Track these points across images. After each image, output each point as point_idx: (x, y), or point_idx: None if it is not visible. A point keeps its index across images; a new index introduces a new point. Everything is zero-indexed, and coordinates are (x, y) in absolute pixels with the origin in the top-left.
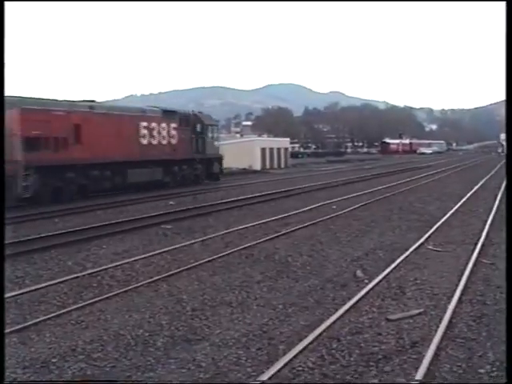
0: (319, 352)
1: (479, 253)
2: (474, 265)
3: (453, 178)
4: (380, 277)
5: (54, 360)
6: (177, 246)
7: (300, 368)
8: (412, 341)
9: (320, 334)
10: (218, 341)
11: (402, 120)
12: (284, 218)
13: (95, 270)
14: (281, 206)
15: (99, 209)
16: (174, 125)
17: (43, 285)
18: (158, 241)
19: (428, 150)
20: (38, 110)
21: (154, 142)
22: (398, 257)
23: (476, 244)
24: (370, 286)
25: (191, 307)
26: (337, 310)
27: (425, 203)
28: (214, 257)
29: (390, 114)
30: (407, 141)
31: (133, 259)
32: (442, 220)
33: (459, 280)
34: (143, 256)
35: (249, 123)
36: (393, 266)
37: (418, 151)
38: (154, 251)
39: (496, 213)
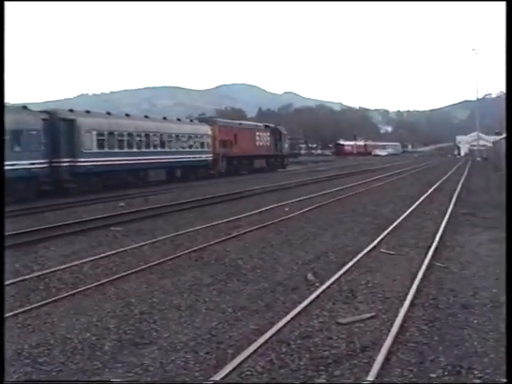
0: (268, 356)
1: (432, 256)
2: (427, 268)
3: (407, 181)
4: (331, 280)
5: None
6: (126, 248)
7: (249, 372)
8: (363, 345)
9: (269, 338)
10: (166, 345)
11: (357, 121)
12: (235, 221)
13: (43, 272)
14: (232, 208)
15: (48, 210)
16: (268, 134)
17: None
18: (107, 243)
19: (383, 152)
20: (223, 126)
21: (261, 144)
22: (350, 260)
23: (429, 247)
24: (321, 289)
25: (139, 310)
26: (287, 313)
27: (378, 206)
28: (164, 259)
29: (345, 116)
30: (362, 142)
31: (81, 261)
32: (396, 223)
33: (412, 283)
34: (92, 258)
35: None
36: (345, 269)
37: (372, 153)
38: (103, 253)
39: (450, 215)
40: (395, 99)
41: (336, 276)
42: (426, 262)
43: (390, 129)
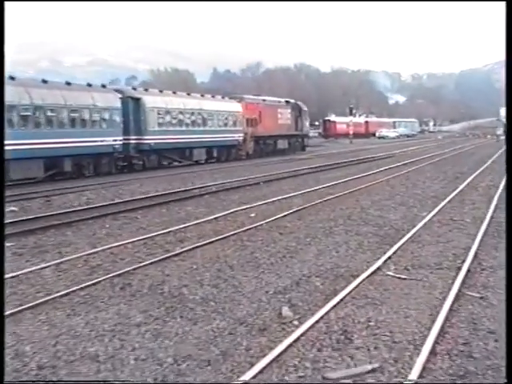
0: None
1: (463, 282)
2: (456, 299)
3: (427, 174)
4: (316, 317)
5: None
6: (18, 272)
7: None
8: None
9: None
10: None
11: (355, 88)
12: (179, 231)
13: None
14: (175, 213)
15: None
16: (289, 110)
17: None
18: None
19: (392, 133)
20: (250, 103)
21: (281, 122)
22: (344, 287)
23: (459, 269)
24: (302, 329)
25: (37, 364)
26: (252, 364)
27: (384, 210)
28: (74, 288)
29: (338, 80)
30: (361, 119)
31: None
32: (410, 234)
33: (433, 321)
34: None
35: None
36: (335, 300)
37: (377, 134)
38: None
39: (489, 224)
40: (410, 56)
41: (323, 311)
42: (454, 290)
43: (402, 99)
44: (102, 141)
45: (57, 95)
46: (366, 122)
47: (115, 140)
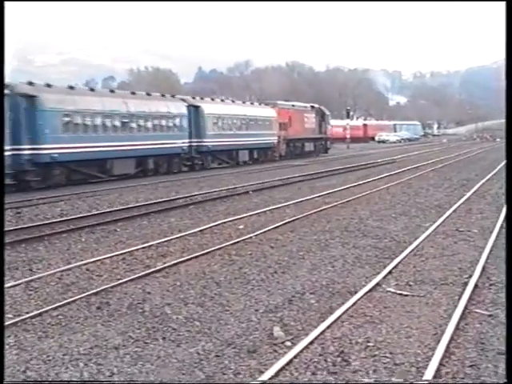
0: None
1: (470, 298)
2: (462, 317)
3: (430, 181)
4: (310, 337)
5: None
6: None
7: None
8: None
9: None
10: None
11: (352, 88)
12: (161, 245)
13: None
14: (157, 225)
15: None
16: (313, 115)
17: None
18: None
19: (392, 137)
20: (282, 109)
21: (307, 126)
22: (340, 305)
23: (465, 284)
24: (295, 351)
25: None
26: None
27: (384, 220)
28: (46, 308)
29: (334, 79)
30: (359, 122)
31: None
32: (412, 246)
33: (437, 342)
34: None
35: None
36: (331, 319)
37: (376, 138)
38: None
39: (498, 235)
40: (411, 54)
41: (317, 330)
42: (460, 307)
43: (403, 99)
44: (174, 143)
45: (143, 104)
46: (365, 125)
47: (183, 142)
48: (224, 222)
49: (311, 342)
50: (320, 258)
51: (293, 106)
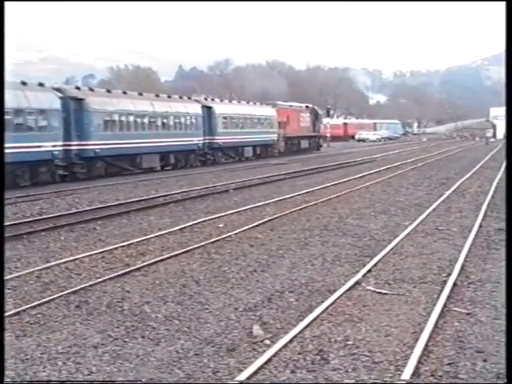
0: None
1: (449, 296)
2: (441, 316)
3: (410, 179)
4: (289, 335)
5: None
6: None
7: None
8: None
9: None
10: None
11: (332, 87)
12: (140, 244)
13: None
14: (137, 223)
15: None
16: (308, 114)
17: None
18: None
19: (372, 136)
20: (280, 108)
21: (303, 125)
22: (319, 303)
23: (444, 283)
24: (274, 349)
25: None
26: None
27: (364, 219)
28: (25, 307)
29: (314, 78)
30: (339, 120)
31: None
32: (391, 245)
33: (416, 340)
34: None
35: None
36: (310, 318)
37: (356, 136)
38: None
39: (478, 233)
40: (392, 53)
41: (297, 329)
42: (439, 305)
43: (383, 98)
44: (191, 140)
45: (166, 106)
46: (345, 123)
47: (199, 140)
48: (204, 221)
49: (290, 341)
50: (299, 257)
51: (290, 106)
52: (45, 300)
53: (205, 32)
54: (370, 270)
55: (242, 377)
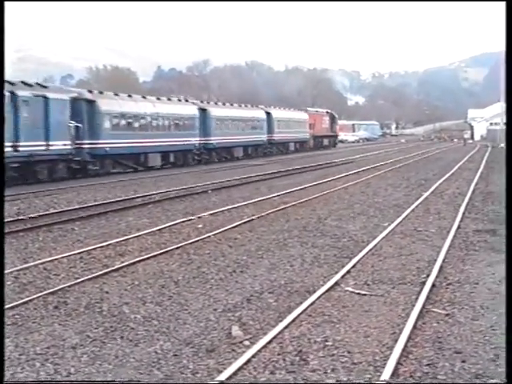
0: None
1: (428, 297)
2: (420, 317)
3: (389, 180)
4: (269, 336)
5: None
6: None
7: None
8: None
9: None
10: None
11: (311, 88)
12: (119, 244)
13: None
14: (115, 224)
15: None
16: (327, 118)
17: None
18: None
19: (351, 137)
20: (309, 113)
21: (324, 126)
22: (299, 304)
23: (423, 284)
24: (253, 350)
25: None
26: None
27: (343, 220)
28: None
29: (292, 79)
30: None
31: None
32: (370, 246)
33: (395, 341)
34: None
35: None
36: (289, 318)
37: None
38: None
39: (456, 234)
40: (370, 54)
41: (276, 330)
42: (418, 306)
43: (362, 99)
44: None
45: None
46: None
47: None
48: (183, 221)
49: (270, 342)
50: (279, 258)
51: (316, 111)
52: (23, 301)
53: (183, 32)
54: (349, 271)
55: (222, 378)
